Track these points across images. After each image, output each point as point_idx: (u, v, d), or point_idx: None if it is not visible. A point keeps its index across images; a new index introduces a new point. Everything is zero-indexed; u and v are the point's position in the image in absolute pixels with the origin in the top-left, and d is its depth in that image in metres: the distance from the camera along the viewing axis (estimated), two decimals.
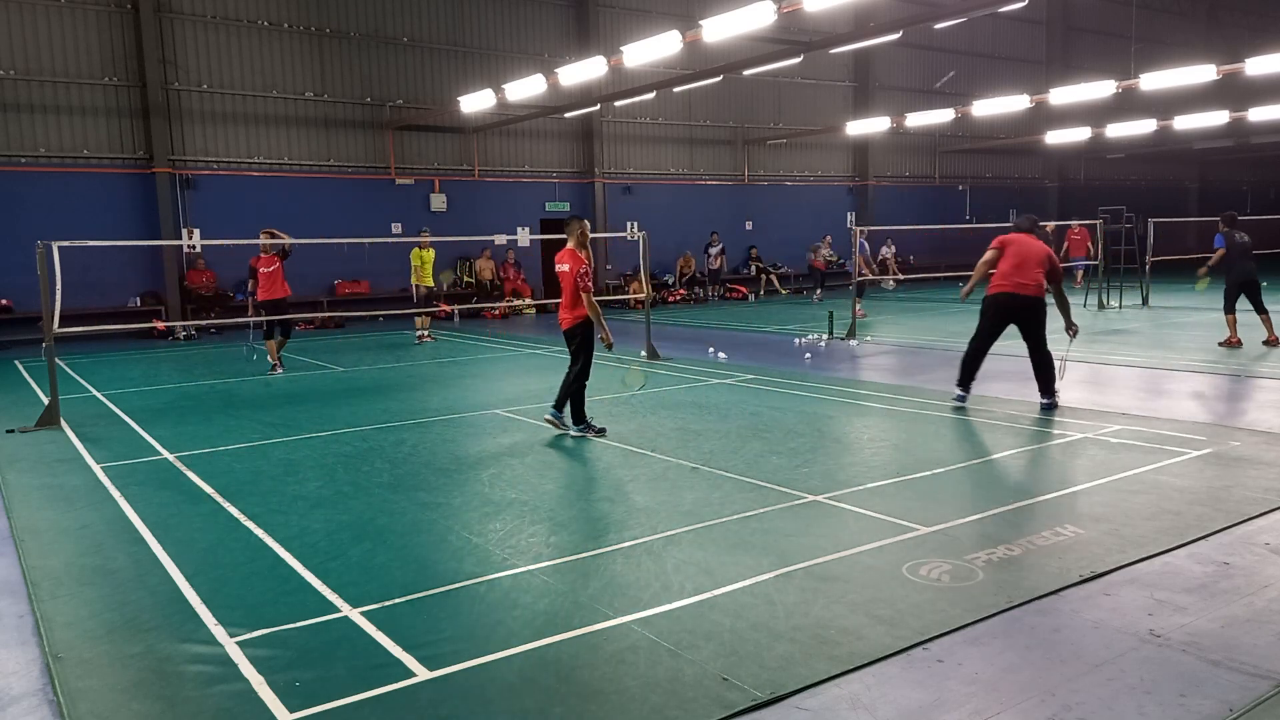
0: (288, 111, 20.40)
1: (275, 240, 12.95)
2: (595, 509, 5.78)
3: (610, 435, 7.95)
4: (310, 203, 20.42)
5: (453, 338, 17.00)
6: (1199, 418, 8.07)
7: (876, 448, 7.35)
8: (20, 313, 17.17)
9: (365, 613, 4.22)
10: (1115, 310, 18.65)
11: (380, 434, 8.33)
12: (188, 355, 15.44)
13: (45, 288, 9.16)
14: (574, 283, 7.85)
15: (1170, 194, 38.28)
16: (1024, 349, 8.77)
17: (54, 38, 17.81)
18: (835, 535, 5.15)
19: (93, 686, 3.61)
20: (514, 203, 23.26)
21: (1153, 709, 3.25)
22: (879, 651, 3.70)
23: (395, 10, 21.40)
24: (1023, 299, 8.58)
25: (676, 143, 26.14)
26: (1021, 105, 21.84)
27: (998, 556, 4.72)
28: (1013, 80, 30.85)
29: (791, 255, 28.18)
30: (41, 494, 6.57)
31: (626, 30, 23.33)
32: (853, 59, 28.84)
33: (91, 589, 4.65)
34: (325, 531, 5.46)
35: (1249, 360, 11.33)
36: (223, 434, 8.50)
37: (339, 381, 11.88)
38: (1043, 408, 8.60)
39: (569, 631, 3.96)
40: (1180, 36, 35.44)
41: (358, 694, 3.46)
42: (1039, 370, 8.70)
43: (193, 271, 19.26)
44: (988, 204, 32.92)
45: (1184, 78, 17.58)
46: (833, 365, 12.19)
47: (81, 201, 18.04)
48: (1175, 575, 4.47)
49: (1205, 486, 5.92)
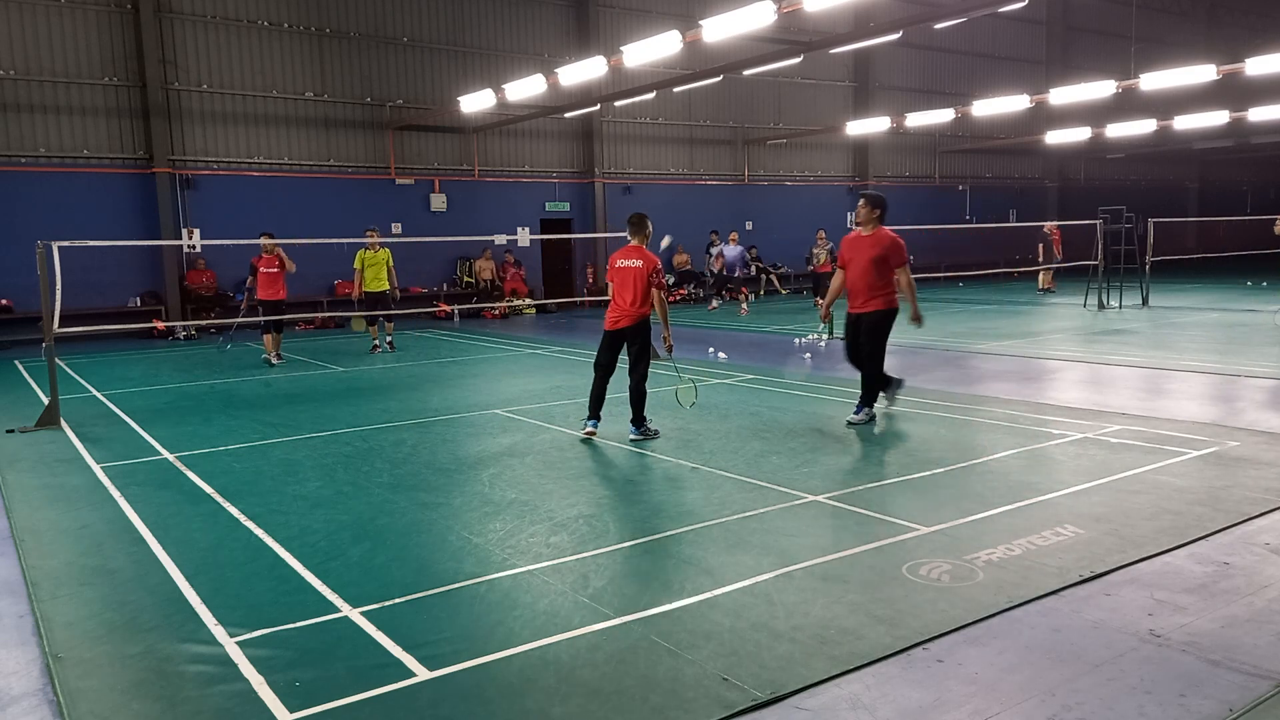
0: (288, 111, 20.40)
1: (275, 242, 13.27)
2: (595, 509, 5.78)
3: (610, 435, 7.95)
4: (310, 203, 20.43)
5: (453, 337, 16.99)
6: (1199, 418, 8.07)
7: (876, 448, 7.35)
8: (20, 313, 17.18)
9: (365, 613, 4.21)
10: (1115, 310, 18.66)
11: (380, 434, 8.33)
12: (188, 355, 15.44)
13: (45, 288, 9.15)
14: (647, 280, 7.64)
15: (1170, 194, 38.28)
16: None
17: (54, 38, 17.81)
18: (835, 535, 5.15)
19: (93, 686, 3.61)
20: (514, 203, 23.27)
21: (1153, 709, 3.25)
22: (879, 651, 3.70)
23: (395, 10, 21.41)
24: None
25: (676, 143, 26.15)
26: (1021, 105, 21.86)
27: (998, 556, 4.72)
28: (1013, 80, 30.85)
29: (791, 255, 28.19)
30: (41, 494, 6.57)
31: (626, 30, 23.34)
32: (853, 59, 28.85)
33: (91, 589, 4.65)
34: (325, 531, 5.46)
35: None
36: (223, 434, 8.50)
37: (339, 381, 11.88)
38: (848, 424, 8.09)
39: (569, 631, 3.96)
40: (1180, 36, 35.44)
41: (358, 694, 3.46)
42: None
43: (193, 271, 19.27)
44: (988, 204, 32.94)
45: (1184, 78, 17.60)
46: (833, 365, 12.18)
47: (81, 201, 18.04)
48: (1175, 575, 4.47)
49: (1205, 486, 5.92)
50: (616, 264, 7.81)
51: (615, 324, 7.76)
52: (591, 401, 7.89)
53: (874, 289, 7.97)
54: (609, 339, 7.85)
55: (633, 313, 7.68)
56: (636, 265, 7.68)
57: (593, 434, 7.82)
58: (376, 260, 14.58)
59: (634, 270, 7.69)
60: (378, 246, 14.70)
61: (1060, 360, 11.80)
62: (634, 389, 7.73)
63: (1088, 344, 13.40)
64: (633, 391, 7.74)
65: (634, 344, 7.77)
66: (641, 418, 7.79)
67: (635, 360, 7.74)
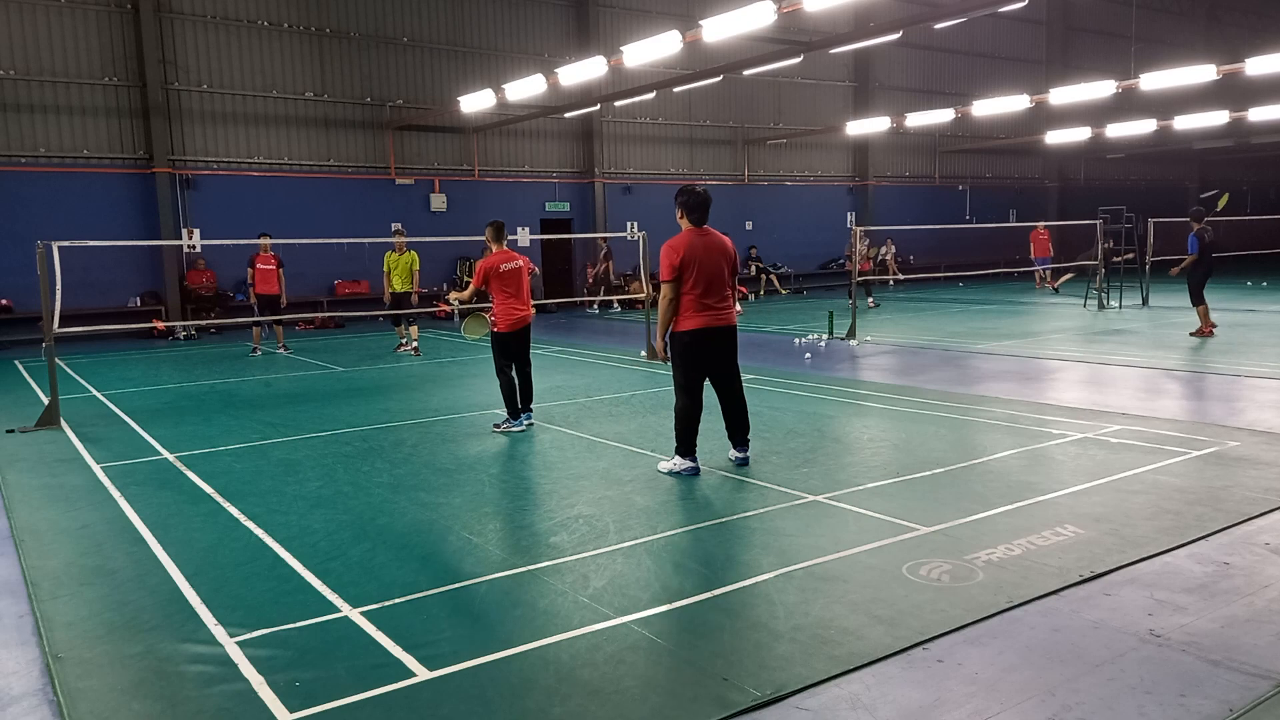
0: (288, 111, 20.40)
1: (273, 241, 13.63)
2: (595, 509, 5.78)
3: (610, 435, 7.95)
4: (310, 203, 20.43)
5: (453, 337, 16.98)
6: (1199, 418, 8.07)
7: (876, 448, 7.35)
8: (20, 313, 17.17)
9: (365, 613, 4.21)
10: (1115, 310, 18.66)
11: (380, 434, 8.33)
12: (188, 355, 15.44)
13: (45, 288, 9.15)
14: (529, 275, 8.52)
15: (1170, 194, 38.24)
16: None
17: (54, 38, 17.81)
18: (835, 535, 5.14)
19: (93, 686, 3.61)
20: (514, 203, 23.26)
21: (1153, 709, 3.25)
22: (879, 651, 3.70)
23: (395, 10, 21.40)
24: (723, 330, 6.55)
25: (676, 143, 26.15)
26: (1021, 105, 21.84)
27: (998, 556, 4.72)
28: (1013, 80, 30.85)
29: (792, 255, 28.21)
30: (41, 494, 6.56)
31: (626, 30, 23.34)
32: (853, 59, 28.84)
33: (91, 589, 4.65)
34: (325, 531, 5.46)
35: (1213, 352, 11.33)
36: (223, 434, 8.50)
37: (339, 381, 11.88)
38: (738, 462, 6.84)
39: (569, 631, 3.95)
40: (1180, 36, 35.43)
41: (358, 694, 3.46)
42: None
43: (193, 271, 19.26)
44: (988, 204, 32.94)
45: (1184, 78, 17.58)
46: (833, 365, 12.19)
47: (81, 201, 18.04)
48: (1175, 575, 4.47)
49: (1205, 486, 5.92)
50: (502, 268, 8.31)
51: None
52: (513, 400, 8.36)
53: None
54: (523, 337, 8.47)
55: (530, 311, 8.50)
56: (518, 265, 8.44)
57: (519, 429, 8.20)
58: (400, 263, 14.47)
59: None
60: (404, 248, 14.49)
61: (1060, 360, 11.79)
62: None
63: (1088, 344, 13.40)
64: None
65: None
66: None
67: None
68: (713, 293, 6.38)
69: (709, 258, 6.34)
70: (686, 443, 6.52)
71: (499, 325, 8.36)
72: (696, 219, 6.46)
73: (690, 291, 6.33)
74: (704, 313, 6.37)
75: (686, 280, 6.32)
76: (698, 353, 6.47)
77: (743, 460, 6.78)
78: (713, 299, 6.39)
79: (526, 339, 8.52)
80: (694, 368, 6.50)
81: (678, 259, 6.29)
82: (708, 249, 6.38)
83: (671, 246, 6.36)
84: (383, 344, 16.20)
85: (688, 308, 6.37)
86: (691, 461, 6.54)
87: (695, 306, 6.35)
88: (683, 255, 6.29)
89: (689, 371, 6.49)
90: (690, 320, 6.37)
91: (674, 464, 6.59)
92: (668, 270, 6.32)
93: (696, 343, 6.41)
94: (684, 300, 6.36)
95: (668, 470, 6.59)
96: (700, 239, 6.39)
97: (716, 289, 6.40)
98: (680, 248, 6.32)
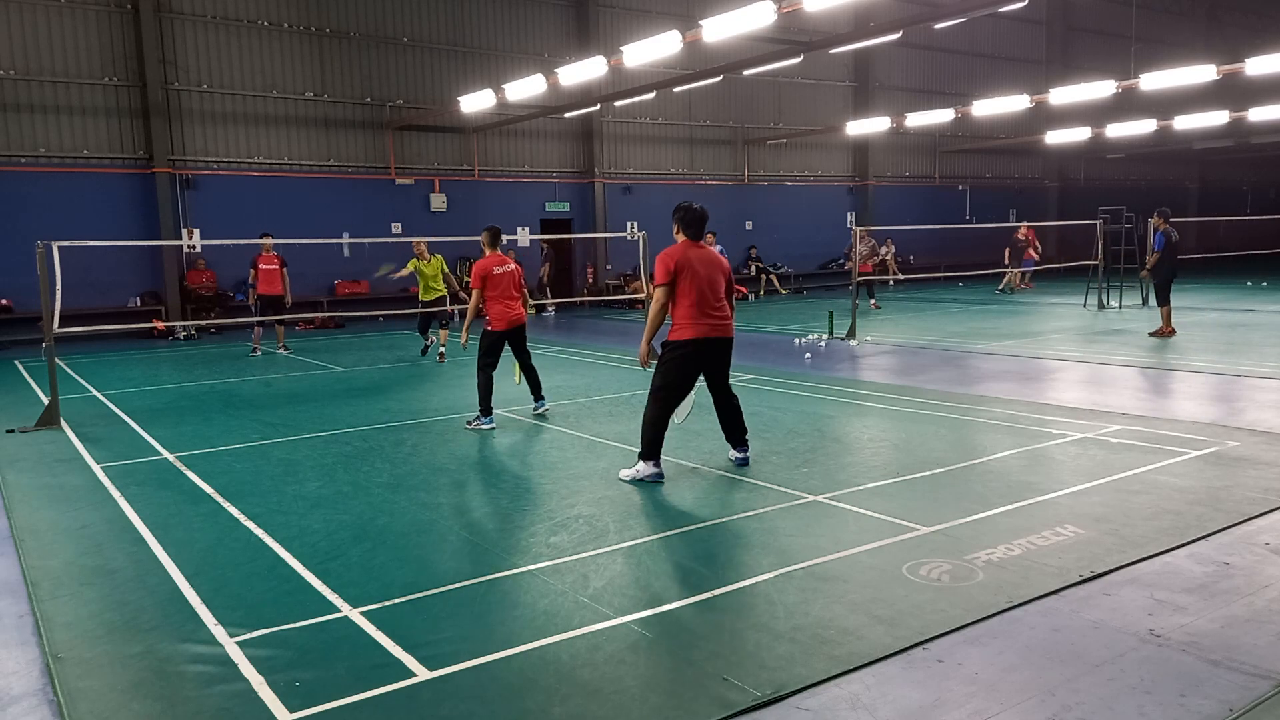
0: (288, 111, 20.40)
1: (274, 241, 13.68)
2: (595, 509, 5.78)
3: (610, 435, 7.96)
4: (310, 203, 20.43)
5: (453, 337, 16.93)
6: (1199, 418, 8.07)
7: (876, 448, 7.35)
8: (20, 313, 17.17)
9: (365, 613, 4.21)
10: (1115, 310, 18.66)
11: (380, 434, 8.33)
12: (188, 355, 15.44)
13: (45, 288, 9.15)
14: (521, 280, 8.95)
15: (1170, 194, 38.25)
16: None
17: (54, 38, 17.81)
18: (835, 535, 5.14)
19: (93, 686, 3.61)
20: (514, 203, 23.26)
21: (1153, 709, 3.25)
22: (879, 651, 3.70)
23: (395, 10, 21.40)
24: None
25: (676, 143, 26.15)
26: (1021, 105, 21.83)
27: (998, 556, 4.72)
28: (1013, 80, 30.84)
29: (791, 255, 28.21)
30: (41, 494, 6.56)
31: (626, 30, 23.34)
32: (853, 59, 28.84)
33: (91, 589, 4.65)
34: (325, 531, 5.46)
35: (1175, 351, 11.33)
36: (223, 434, 8.50)
37: (339, 381, 11.87)
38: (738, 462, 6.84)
39: (569, 631, 3.96)
40: (1180, 36, 35.43)
41: (358, 694, 3.46)
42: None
43: (193, 271, 19.27)
44: (988, 204, 32.93)
45: (1184, 78, 17.58)
46: (833, 365, 12.19)
47: (81, 201, 18.04)
48: (1175, 575, 4.47)
49: (1205, 486, 5.92)
50: (495, 270, 8.73)
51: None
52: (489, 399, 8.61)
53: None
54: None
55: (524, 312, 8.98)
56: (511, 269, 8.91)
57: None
58: (432, 268, 14.01)
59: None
60: (428, 256, 14.06)
61: (1060, 360, 11.79)
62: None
63: (1088, 344, 13.40)
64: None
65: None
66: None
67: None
68: (709, 302, 6.44)
69: (703, 268, 6.46)
70: (653, 448, 6.47)
71: (494, 324, 8.86)
72: (693, 234, 6.59)
73: (685, 298, 6.39)
74: (704, 321, 6.41)
75: (681, 285, 6.39)
76: (694, 362, 6.49)
77: (743, 460, 6.80)
78: (711, 308, 6.44)
79: (521, 337, 9.06)
80: (683, 375, 6.51)
81: (673, 263, 6.39)
82: (701, 260, 6.50)
83: (668, 253, 6.47)
84: (383, 344, 16.21)
85: (685, 317, 6.42)
86: (656, 467, 6.49)
87: (694, 315, 6.40)
88: (678, 260, 6.41)
89: (677, 379, 6.50)
90: (690, 329, 6.42)
91: (637, 470, 6.49)
92: (662, 274, 6.38)
93: (696, 353, 6.45)
94: (680, 309, 6.42)
95: (630, 478, 6.49)
96: (695, 251, 6.52)
97: (712, 298, 6.46)
98: (676, 254, 6.45)
